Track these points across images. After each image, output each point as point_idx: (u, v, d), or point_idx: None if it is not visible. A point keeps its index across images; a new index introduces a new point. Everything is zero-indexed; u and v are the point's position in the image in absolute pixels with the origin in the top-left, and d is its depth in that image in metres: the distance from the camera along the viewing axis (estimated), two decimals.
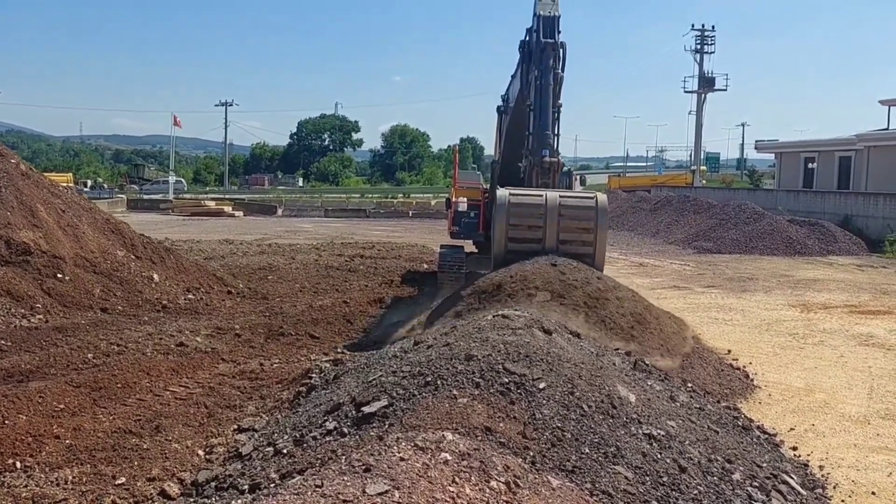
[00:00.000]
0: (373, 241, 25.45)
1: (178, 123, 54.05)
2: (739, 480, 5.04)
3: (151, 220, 33.53)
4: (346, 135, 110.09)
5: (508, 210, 9.88)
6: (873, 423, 7.50)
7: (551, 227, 9.82)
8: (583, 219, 9.92)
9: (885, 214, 27.07)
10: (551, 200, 9.92)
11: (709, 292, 16.01)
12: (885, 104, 37.15)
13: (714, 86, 60.67)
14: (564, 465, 4.50)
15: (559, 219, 9.83)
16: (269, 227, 32.62)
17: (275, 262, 18.42)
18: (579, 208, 9.95)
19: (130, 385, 7.81)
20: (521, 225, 9.91)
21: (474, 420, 4.72)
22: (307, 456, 4.74)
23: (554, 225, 9.81)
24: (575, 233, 9.88)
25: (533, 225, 9.88)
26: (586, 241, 9.89)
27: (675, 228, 29.14)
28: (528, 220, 9.88)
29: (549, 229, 9.83)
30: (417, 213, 42.37)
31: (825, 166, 36.02)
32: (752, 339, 11.25)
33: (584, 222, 9.91)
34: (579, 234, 9.89)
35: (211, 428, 6.69)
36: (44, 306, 10.89)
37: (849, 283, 17.65)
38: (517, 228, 9.90)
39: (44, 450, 6.01)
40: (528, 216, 9.88)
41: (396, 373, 5.54)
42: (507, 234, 9.91)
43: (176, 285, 13.09)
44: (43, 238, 11.91)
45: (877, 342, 11.14)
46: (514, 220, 9.88)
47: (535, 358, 5.49)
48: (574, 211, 9.90)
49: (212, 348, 9.60)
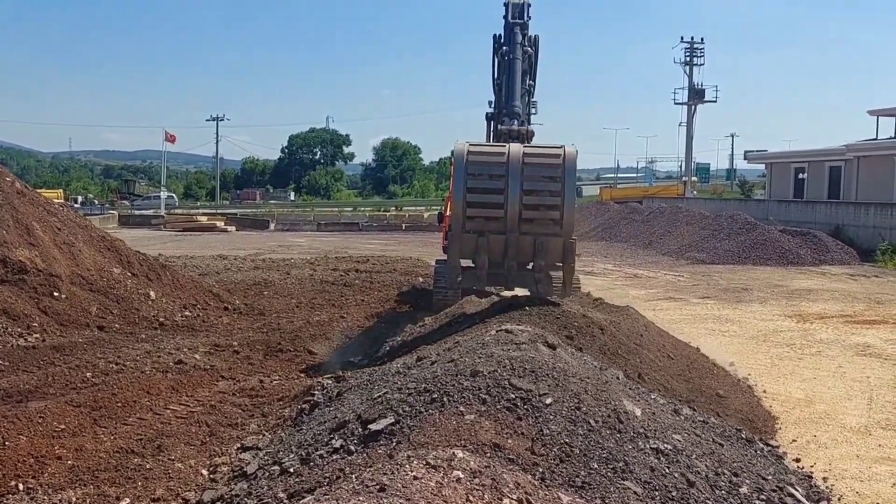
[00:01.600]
0: (367, 254, 25.43)
1: (170, 139, 53.92)
2: (747, 494, 5.04)
3: (144, 236, 33.43)
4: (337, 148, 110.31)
5: (466, 166, 8.78)
6: (875, 434, 7.52)
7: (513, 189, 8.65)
8: (548, 166, 8.79)
9: (876, 224, 27.27)
10: (514, 155, 8.79)
11: (704, 303, 16.06)
12: (874, 114, 37.46)
13: (704, 97, 61.05)
14: (574, 480, 4.49)
15: (522, 175, 8.68)
16: (262, 242, 32.57)
17: (270, 278, 18.37)
18: (544, 164, 8.81)
19: (130, 404, 7.76)
20: (478, 188, 8.80)
21: (482, 437, 4.72)
22: (315, 475, 4.72)
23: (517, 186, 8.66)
24: (541, 183, 8.76)
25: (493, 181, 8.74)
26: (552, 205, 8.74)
27: (667, 239, 29.26)
28: (489, 179, 8.78)
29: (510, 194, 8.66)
30: (410, 225, 42.44)
31: (815, 176, 36.27)
32: (749, 350, 11.29)
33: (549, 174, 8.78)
34: (545, 184, 8.77)
35: (214, 447, 6.64)
36: (40, 325, 10.83)
37: (843, 292, 17.74)
38: (475, 192, 8.79)
39: (46, 471, 5.95)
40: (488, 172, 8.79)
41: (402, 389, 5.53)
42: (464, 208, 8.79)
43: (172, 302, 13.04)
44: (39, 256, 11.85)
45: (874, 352, 11.19)
46: (472, 175, 8.78)
47: (541, 373, 5.49)
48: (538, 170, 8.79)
49: (211, 365, 9.55)
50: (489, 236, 8.81)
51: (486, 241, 8.83)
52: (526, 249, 8.88)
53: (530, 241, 8.76)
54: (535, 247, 8.78)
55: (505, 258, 8.94)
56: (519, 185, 8.62)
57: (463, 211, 8.76)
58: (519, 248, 8.86)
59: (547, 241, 8.75)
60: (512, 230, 8.73)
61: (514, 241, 8.76)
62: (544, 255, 8.86)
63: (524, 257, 9.04)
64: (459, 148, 8.91)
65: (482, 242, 8.84)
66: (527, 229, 8.75)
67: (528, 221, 8.75)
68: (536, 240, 8.74)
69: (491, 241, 8.84)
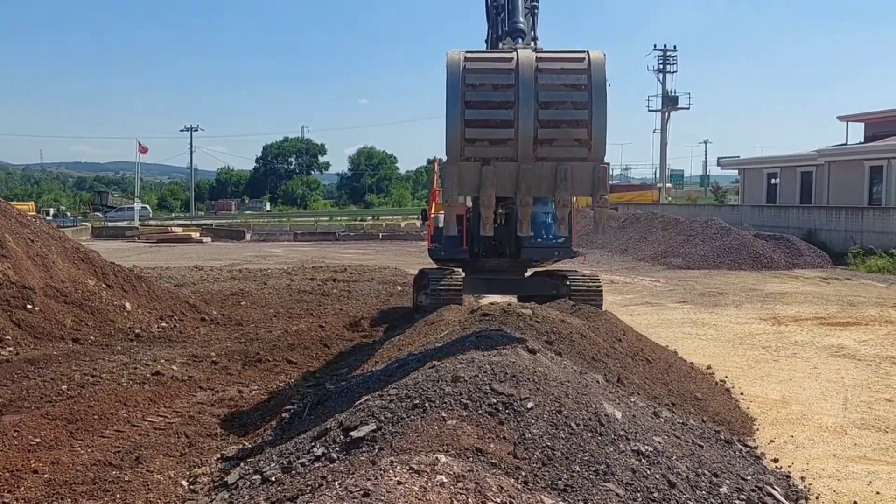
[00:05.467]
0: (345, 264, 25.37)
1: (143, 150, 53.47)
2: (727, 494, 5.09)
3: (118, 248, 33.07)
4: (312, 158, 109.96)
5: (464, 75, 6.65)
6: (850, 433, 7.63)
7: (525, 102, 6.59)
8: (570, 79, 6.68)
9: (847, 227, 27.70)
10: (525, 61, 6.69)
11: (681, 308, 16.20)
12: (844, 120, 38.15)
13: (677, 104, 61.84)
14: (556, 483, 4.51)
15: (537, 78, 6.64)
16: (238, 253, 32.35)
17: (247, 288, 18.27)
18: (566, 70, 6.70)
19: (107, 416, 7.67)
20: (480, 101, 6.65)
21: (465, 441, 4.72)
22: (297, 483, 4.69)
23: (530, 95, 6.60)
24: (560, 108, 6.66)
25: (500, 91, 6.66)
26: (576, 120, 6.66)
27: (643, 245, 29.48)
28: (494, 90, 6.69)
29: (521, 107, 6.59)
30: (388, 235, 42.37)
31: (787, 181, 36.79)
32: (726, 353, 11.40)
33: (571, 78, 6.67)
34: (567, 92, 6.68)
35: (193, 458, 6.58)
36: (13, 338, 10.66)
37: (816, 295, 17.99)
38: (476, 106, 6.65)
39: (22, 485, 5.86)
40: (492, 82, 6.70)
41: (383, 396, 5.52)
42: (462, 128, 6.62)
43: (149, 313, 12.91)
44: (11, 269, 11.68)
45: (847, 353, 11.36)
46: (472, 85, 6.67)
47: (522, 378, 5.51)
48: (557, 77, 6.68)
49: (188, 376, 9.46)
50: (495, 164, 6.73)
51: (493, 170, 6.72)
52: (544, 180, 6.81)
53: (550, 168, 6.72)
54: (555, 176, 6.72)
55: (517, 193, 6.85)
56: (533, 96, 6.62)
57: (461, 132, 6.63)
58: (535, 178, 6.78)
59: (571, 167, 6.70)
60: (525, 155, 6.69)
61: (529, 169, 6.73)
62: (569, 186, 6.75)
63: (542, 190, 6.97)
64: (453, 57, 6.78)
65: (487, 172, 6.71)
66: (544, 153, 6.71)
67: (546, 143, 6.70)
68: (558, 167, 6.69)
69: (498, 169, 6.74)
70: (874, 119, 35.58)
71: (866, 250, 25.23)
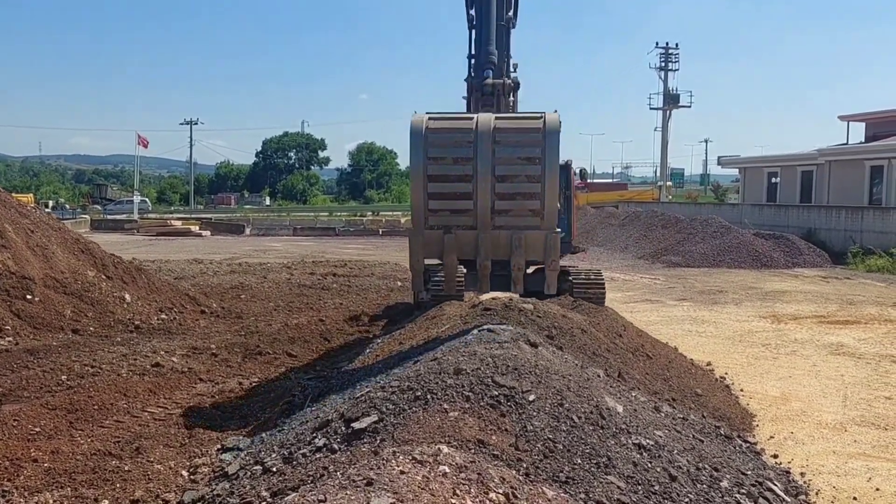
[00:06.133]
0: (344, 259, 25.36)
1: (143, 143, 53.39)
2: (728, 488, 5.09)
3: (117, 241, 33.03)
4: (312, 153, 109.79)
5: (426, 147, 7.14)
6: (850, 430, 7.63)
7: (484, 160, 7.07)
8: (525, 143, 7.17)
9: (847, 227, 27.70)
10: (483, 128, 7.10)
11: (681, 305, 16.20)
12: (845, 119, 38.09)
13: (679, 103, 61.83)
14: (558, 476, 4.51)
15: (494, 147, 7.07)
16: (237, 247, 32.33)
17: (246, 281, 18.26)
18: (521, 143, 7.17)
19: (107, 407, 7.66)
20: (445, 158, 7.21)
21: (466, 433, 4.72)
22: (298, 473, 4.68)
23: (488, 158, 7.07)
24: (517, 166, 7.14)
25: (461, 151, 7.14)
26: (531, 175, 7.14)
27: (643, 243, 29.49)
28: (455, 145, 7.18)
29: (479, 182, 7.11)
30: (388, 230, 42.30)
31: (788, 181, 36.77)
32: (726, 350, 11.41)
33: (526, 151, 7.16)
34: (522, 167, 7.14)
35: (193, 448, 6.57)
36: (13, 328, 10.65)
37: (816, 294, 17.99)
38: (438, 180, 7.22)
39: (22, 474, 5.86)
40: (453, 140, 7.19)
41: (385, 388, 5.51)
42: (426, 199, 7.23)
43: (148, 305, 12.90)
44: (11, 259, 11.67)
45: (847, 351, 11.36)
46: (434, 158, 7.16)
47: (524, 370, 5.50)
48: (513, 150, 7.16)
49: (188, 368, 9.45)
50: (457, 231, 7.33)
51: (454, 237, 7.33)
52: (501, 246, 7.41)
53: (506, 235, 7.30)
54: (511, 242, 7.32)
55: (477, 257, 7.45)
56: (490, 170, 7.07)
57: (424, 203, 7.22)
58: (493, 244, 7.37)
59: (526, 235, 7.28)
60: (484, 225, 7.25)
61: (487, 237, 7.31)
62: (522, 252, 7.38)
63: (500, 254, 7.51)
64: (416, 122, 7.21)
65: (449, 239, 7.32)
66: (501, 222, 7.27)
67: (503, 213, 7.26)
68: (514, 234, 7.28)
69: (459, 237, 7.34)
70: (875, 119, 35.55)
71: (866, 250, 25.23)
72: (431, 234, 7.37)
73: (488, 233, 7.28)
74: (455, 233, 7.35)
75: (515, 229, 7.29)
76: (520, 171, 7.17)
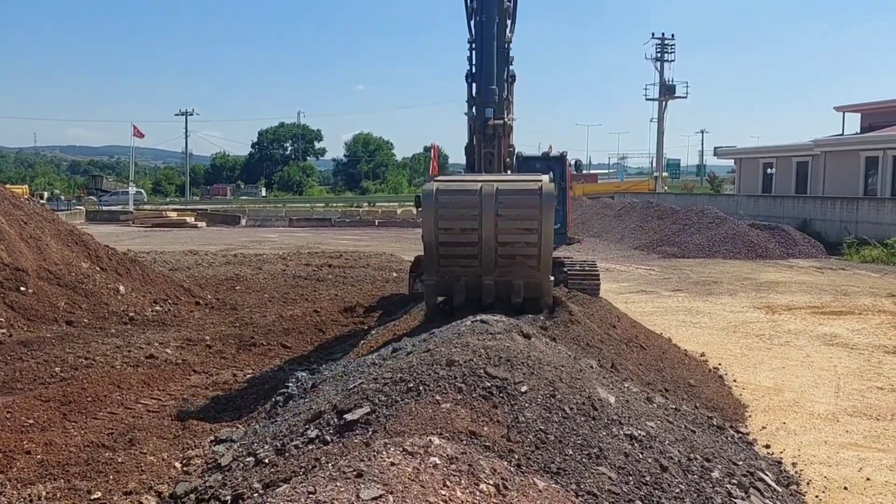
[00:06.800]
0: (340, 250, 25.34)
1: (138, 134, 53.20)
2: (719, 478, 5.11)
3: (112, 232, 32.97)
4: (308, 144, 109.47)
5: (437, 225, 8.31)
6: (842, 421, 7.67)
7: (488, 224, 8.20)
8: (524, 209, 8.22)
9: (842, 218, 27.74)
10: (487, 191, 8.23)
11: (675, 296, 16.23)
12: (840, 110, 38.10)
13: (675, 93, 61.67)
14: (549, 466, 4.52)
15: (497, 213, 8.18)
16: (233, 238, 32.29)
17: (241, 273, 18.25)
18: (521, 217, 8.26)
19: (101, 398, 7.67)
20: (453, 228, 8.35)
21: (458, 424, 4.72)
22: (291, 464, 4.69)
23: (491, 222, 8.19)
24: (516, 233, 8.29)
25: (467, 222, 8.27)
26: (529, 241, 8.29)
27: (639, 234, 29.51)
28: (462, 216, 8.28)
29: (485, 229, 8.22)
30: (384, 221, 42.27)
31: (783, 171, 36.78)
32: (720, 341, 11.43)
33: (524, 219, 8.24)
34: (521, 234, 8.29)
35: (186, 440, 6.59)
36: (7, 320, 10.65)
37: (810, 284, 18.03)
38: (447, 244, 8.40)
39: (15, 465, 5.87)
40: (460, 210, 8.29)
41: (377, 380, 5.52)
42: (438, 257, 8.46)
43: (143, 297, 12.89)
44: (5, 251, 11.64)
45: (840, 342, 11.40)
46: (444, 219, 8.29)
47: (516, 362, 5.51)
48: (513, 222, 8.28)
49: (182, 360, 9.46)
50: (464, 279, 8.51)
51: (462, 282, 8.51)
52: (502, 290, 8.55)
53: (506, 281, 8.46)
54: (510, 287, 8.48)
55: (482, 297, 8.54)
56: (494, 234, 8.21)
57: (437, 260, 8.43)
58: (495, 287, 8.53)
59: (524, 282, 8.46)
60: (488, 274, 8.40)
61: (490, 282, 8.45)
62: (519, 293, 8.52)
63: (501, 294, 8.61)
64: (428, 190, 8.37)
65: (457, 284, 8.52)
66: (502, 273, 8.40)
67: (504, 267, 8.39)
68: (513, 280, 8.43)
69: (466, 281, 8.52)
70: (871, 110, 35.57)
71: (861, 240, 25.27)
72: (442, 279, 8.59)
73: (492, 279, 8.43)
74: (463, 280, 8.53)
75: (514, 277, 8.41)
76: (520, 239, 8.31)
